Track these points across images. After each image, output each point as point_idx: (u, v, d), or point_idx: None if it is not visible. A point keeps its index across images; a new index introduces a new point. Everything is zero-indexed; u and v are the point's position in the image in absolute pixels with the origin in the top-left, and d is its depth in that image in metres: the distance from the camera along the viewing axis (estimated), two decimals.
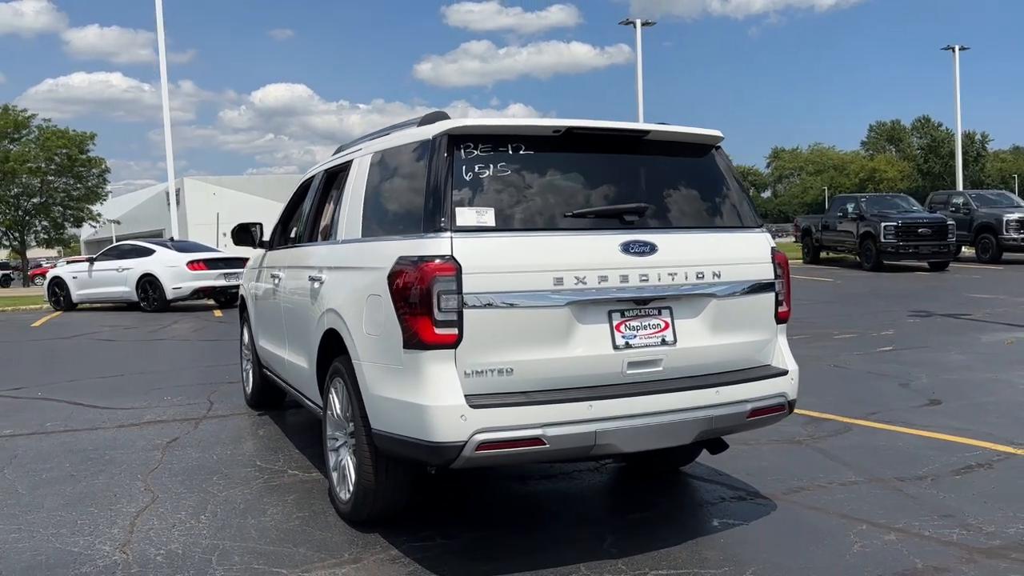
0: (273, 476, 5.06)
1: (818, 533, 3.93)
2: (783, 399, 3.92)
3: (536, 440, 3.30)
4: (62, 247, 50.59)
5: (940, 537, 3.83)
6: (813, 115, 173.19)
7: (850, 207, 23.56)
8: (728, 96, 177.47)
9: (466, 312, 3.29)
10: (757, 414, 3.79)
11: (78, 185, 42.54)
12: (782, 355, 4.03)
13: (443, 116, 3.84)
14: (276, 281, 5.64)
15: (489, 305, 3.31)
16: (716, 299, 3.76)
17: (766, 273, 3.95)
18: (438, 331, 3.29)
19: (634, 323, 3.59)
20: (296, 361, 5.08)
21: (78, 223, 46.13)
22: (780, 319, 4.04)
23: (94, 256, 19.02)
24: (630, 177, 3.90)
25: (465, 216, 3.40)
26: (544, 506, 4.51)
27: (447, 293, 3.27)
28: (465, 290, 3.29)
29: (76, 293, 18.32)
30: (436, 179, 3.48)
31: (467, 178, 3.48)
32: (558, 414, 3.34)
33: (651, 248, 3.61)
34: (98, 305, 18.99)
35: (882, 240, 21.32)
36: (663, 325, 3.65)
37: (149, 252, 17.04)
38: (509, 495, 4.69)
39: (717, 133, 4.12)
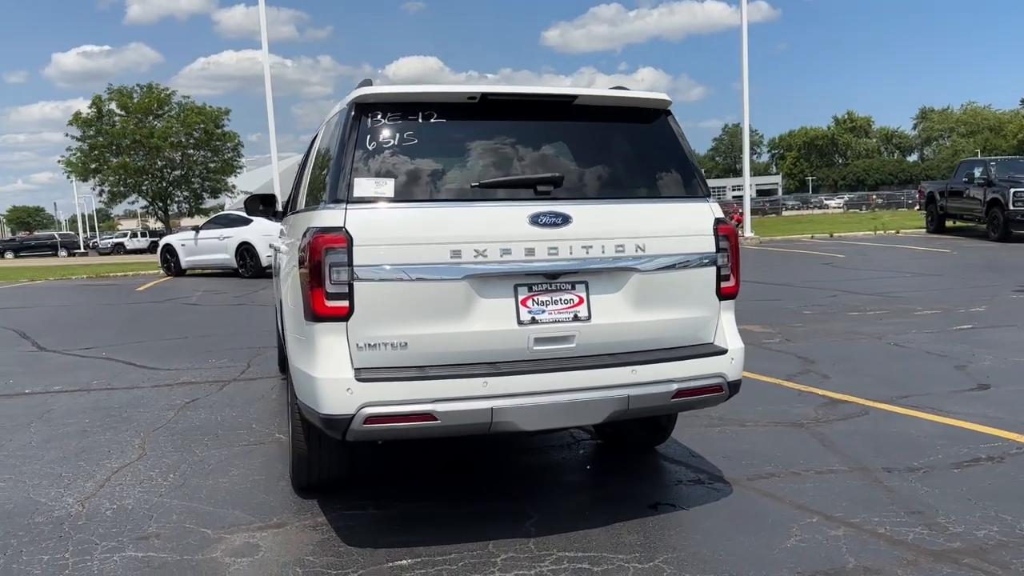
0: (259, 439, 5.25)
1: (759, 524, 3.68)
2: (720, 380, 3.67)
3: (427, 415, 3.24)
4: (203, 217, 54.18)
5: (894, 535, 3.50)
6: (966, 71, 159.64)
7: (977, 172, 21.60)
8: (871, 52, 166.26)
9: (357, 285, 3.26)
10: (685, 395, 3.57)
11: (215, 158, 45.26)
12: (724, 333, 3.77)
13: (367, 83, 3.79)
14: (275, 251, 5.82)
15: (381, 278, 3.27)
16: (639, 274, 3.55)
17: (705, 246, 3.69)
18: (328, 303, 3.28)
19: (543, 298, 3.44)
20: (280, 329, 5.24)
21: (215, 194, 49.17)
22: (724, 295, 3.76)
23: (200, 225, 20.26)
24: (555, 146, 3.72)
25: (363, 187, 3.35)
26: (493, 481, 4.44)
27: (337, 265, 3.25)
28: (356, 262, 3.25)
29: (184, 260, 19.65)
30: (342, 149, 3.44)
31: (370, 148, 3.43)
32: (451, 390, 3.27)
33: (563, 220, 3.44)
34: (206, 271, 20.27)
35: (1010, 208, 19.45)
36: (576, 300, 3.48)
37: (247, 222, 17.96)
38: (467, 466, 4.66)
39: (663, 97, 3.85)
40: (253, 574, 3.31)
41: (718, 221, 3.73)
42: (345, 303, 3.26)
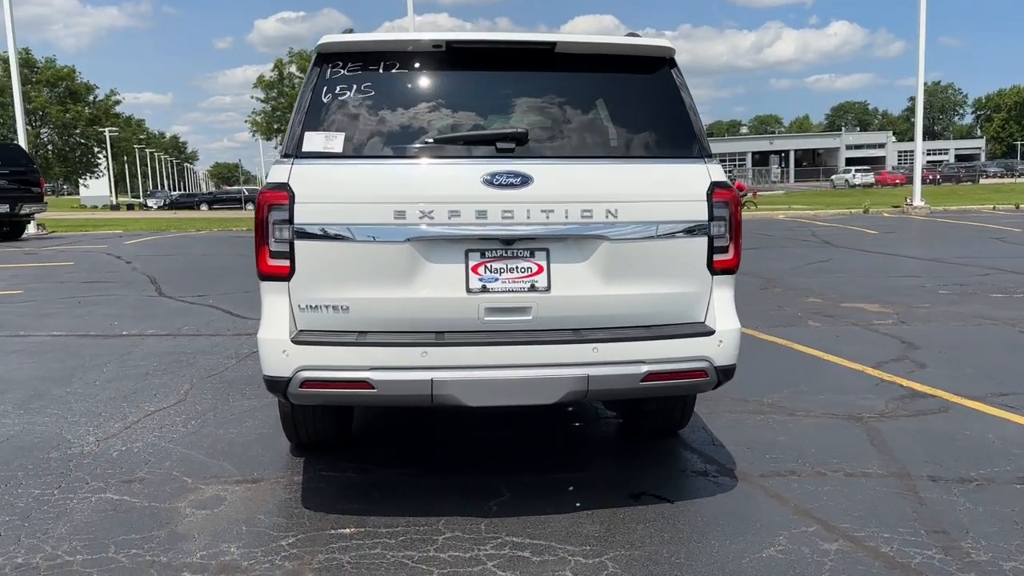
0: None
1: (744, 527, 3.26)
2: (704, 364, 3.25)
3: (363, 383, 3.10)
4: None
5: (896, 557, 3.00)
6: None
7: None
8: None
9: (298, 244, 3.15)
10: (658, 378, 3.20)
11: None
12: (715, 312, 3.33)
13: (349, 31, 3.62)
14: None
15: (322, 237, 3.13)
16: (610, 242, 3.19)
17: (695, 213, 3.25)
18: (271, 262, 3.19)
19: (497, 265, 3.17)
20: None
21: None
22: (718, 269, 3.32)
23: None
24: (529, 100, 3.40)
25: (312, 141, 3.21)
26: (484, 453, 4.24)
27: (279, 223, 3.15)
28: (296, 220, 3.13)
29: None
30: (300, 100, 3.32)
31: (326, 100, 3.27)
32: (389, 358, 3.10)
33: (522, 180, 3.13)
34: None
35: None
36: (535, 269, 3.19)
37: None
38: (466, 437, 4.49)
39: (666, 44, 3.41)
40: (202, 527, 3.33)
41: (715, 185, 3.28)
42: (286, 263, 3.16)
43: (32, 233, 19.60)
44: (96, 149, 62.58)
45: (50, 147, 59.04)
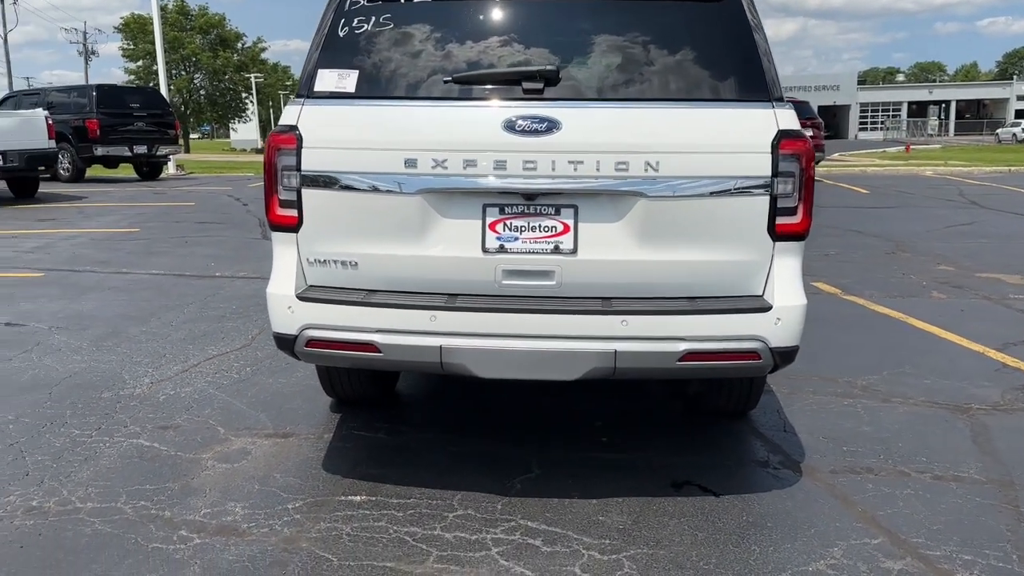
0: None
1: (795, 533, 2.84)
2: (757, 344, 2.80)
3: (369, 346, 2.86)
4: None
5: None
6: None
7: None
8: None
9: (305, 192, 2.91)
10: (698, 359, 2.78)
11: None
12: (774, 285, 2.85)
13: None
14: None
15: (330, 186, 2.88)
16: (647, 200, 2.76)
17: (756, 167, 2.76)
18: (279, 211, 2.97)
19: (518, 223, 2.82)
20: None
21: None
22: (782, 234, 2.83)
23: None
24: (560, 31, 2.97)
25: (325, 80, 2.94)
26: (526, 424, 3.93)
27: (287, 169, 2.92)
28: (304, 167, 2.89)
29: None
30: (316, 36, 3.05)
31: (342, 34, 2.98)
32: (396, 321, 2.84)
33: (548, 126, 2.75)
34: None
35: None
36: (560, 228, 2.81)
37: None
38: (512, 405, 4.19)
39: None
40: (216, 482, 3.24)
41: (782, 135, 2.77)
42: (294, 212, 2.94)
43: (171, 173, 20.73)
44: (244, 95, 65.58)
45: (202, 92, 62.39)
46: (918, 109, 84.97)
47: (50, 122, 13.54)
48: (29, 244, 9.14)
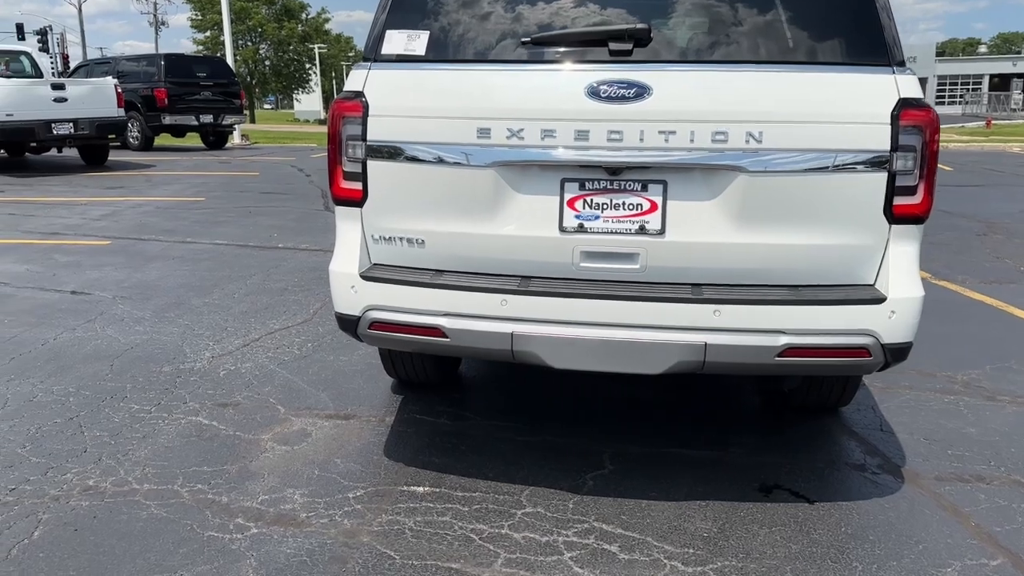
0: None
1: (902, 549, 2.56)
2: (867, 340, 2.51)
3: (435, 330, 2.66)
4: None
5: None
6: None
7: None
8: None
9: (370, 164, 2.71)
10: (799, 355, 2.51)
11: None
12: (889, 273, 2.55)
13: None
14: None
15: (397, 157, 2.67)
16: (748, 175, 2.48)
17: (873, 140, 2.45)
18: (343, 184, 2.78)
19: (599, 200, 2.57)
20: None
21: None
22: (900, 217, 2.52)
23: None
24: None
25: (394, 42, 2.72)
26: (598, 415, 3.69)
27: (352, 139, 2.72)
28: (369, 136, 2.69)
29: None
30: None
31: None
32: (464, 304, 2.63)
33: (637, 92, 2.48)
34: None
35: None
36: (646, 206, 2.55)
37: None
38: (586, 393, 3.96)
39: None
40: (275, 465, 3.11)
41: (904, 104, 2.45)
42: (359, 185, 2.74)
43: (236, 143, 20.93)
44: (307, 66, 66.09)
45: (267, 63, 63.10)
46: (1000, 82, 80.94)
47: (119, 90, 13.70)
48: (97, 212, 9.24)
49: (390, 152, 2.67)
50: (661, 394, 3.85)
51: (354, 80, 2.74)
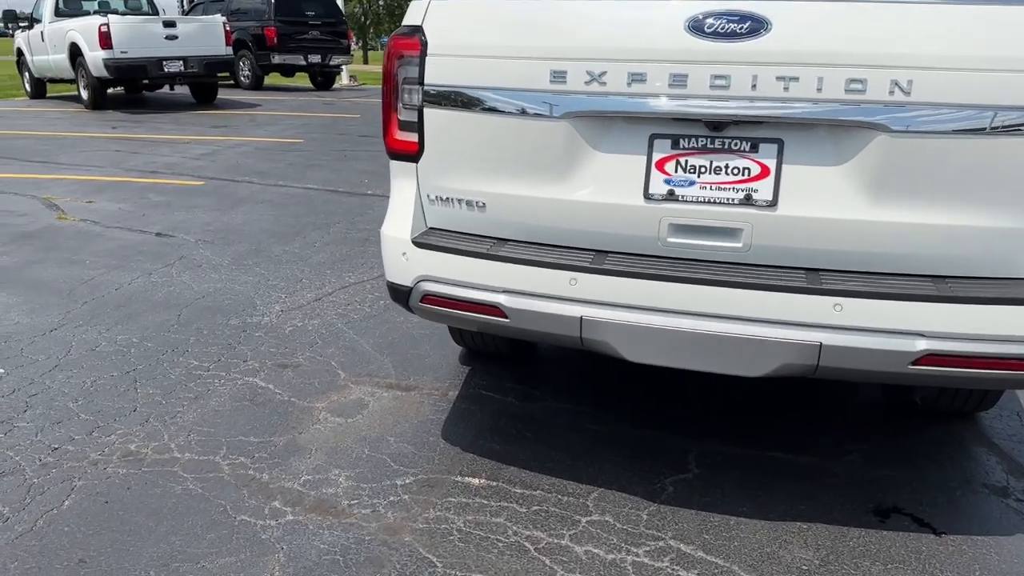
0: None
1: None
2: None
3: (493, 309, 2.29)
4: None
5: None
6: None
7: None
8: None
9: (427, 112, 2.33)
10: (940, 363, 2.00)
11: None
12: None
13: None
14: None
15: (457, 104, 2.28)
16: (890, 136, 1.96)
17: None
18: (398, 135, 2.42)
19: (696, 161, 2.11)
20: None
21: None
22: None
23: None
24: None
25: None
26: (685, 403, 3.24)
27: (409, 83, 2.34)
28: (427, 79, 2.31)
29: None
30: None
31: None
32: (528, 280, 2.24)
33: (751, 26, 1.99)
34: None
35: None
36: (756, 171, 2.07)
37: None
38: (674, 377, 3.52)
39: None
40: (325, 440, 2.86)
41: None
42: (414, 137, 2.38)
43: (344, 84, 20.95)
44: None
45: (381, 3, 63.40)
46: None
47: (227, 28, 13.77)
48: (198, 151, 9.30)
49: (450, 98, 2.28)
50: (759, 384, 3.37)
51: (413, 12, 2.35)
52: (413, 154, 2.39)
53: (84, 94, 13.53)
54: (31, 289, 4.43)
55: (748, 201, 2.08)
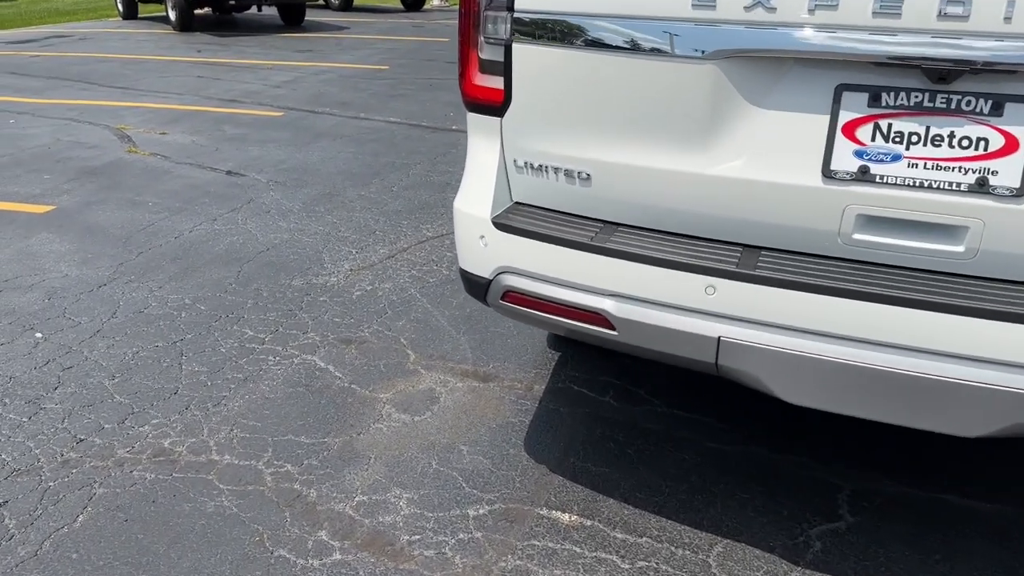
0: None
1: None
2: None
3: (598, 317, 1.73)
4: None
5: None
6: None
7: None
8: None
9: (517, 49, 1.73)
10: None
11: None
12: None
13: None
14: None
15: (556, 38, 1.67)
16: None
17: None
18: (478, 79, 1.84)
19: (907, 126, 1.45)
20: None
21: None
22: None
23: None
24: None
25: None
26: (839, 430, 2.63)
27: (495, 8, 1.75)
28: (518, 4, 1.71)
29: None
30: None
31: None
32: (647, 284, 1.66)
33: None
34: None
35: None
36: (999, 144, 1.41)
37: None
38: None
39: None
40: (386, 445, 2.39)
41: None
42: (499, 82, 1.79)
43: (435, 4, 20.13)
44: None
45: None
46: None
47: None
48: (279, 78, 8.87)
49: (548, 30, 1.67)
50: None
51: None
52: (497, 106, 1.81)
53: (172, 15, 13.30)
54: (86, 234, 4.11)
55: (981, 187, 1.42)
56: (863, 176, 1.49)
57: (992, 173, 1.41)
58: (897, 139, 1.46)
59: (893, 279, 1.50)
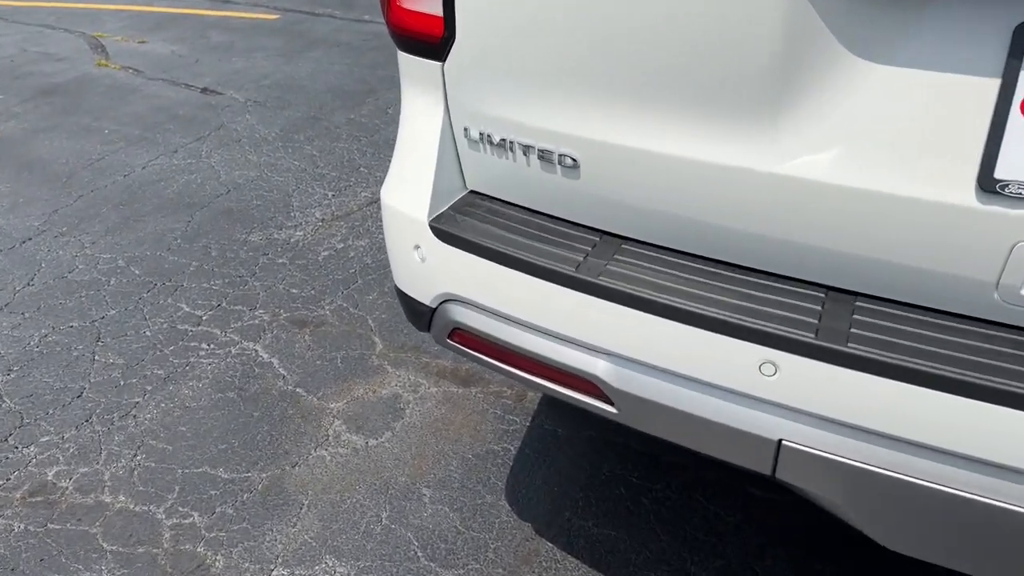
0: None
1: None
2: None
3: (586, 383, 1.11)
4: None
5: None
6: None
7: None
8: None
9: None
10: None
11: None
12: None
13: None
14: None
15: None
16: None
17: None
18: (408, 2, 1.17)
19: None
20: None
21: None
22: None
23: None
24: None
25: None
26: None
27: None
28: None
29: None
30: None
31: None
32: (665, 347, 1.03)
33: None
34: None
35: None
36: None
37: None
38: None
39: None
40: (327, 485, 1.84)
41: None
42: (438, 7, 1.12)
43: None
44: None
45: None
46: None
47: None
48: None
49: None
50: None
51: None
52: (435, 43, 1.14)
53: None
54: (24, 172, 3.54)
55: None
56: None
57: None
58: None
59: None
